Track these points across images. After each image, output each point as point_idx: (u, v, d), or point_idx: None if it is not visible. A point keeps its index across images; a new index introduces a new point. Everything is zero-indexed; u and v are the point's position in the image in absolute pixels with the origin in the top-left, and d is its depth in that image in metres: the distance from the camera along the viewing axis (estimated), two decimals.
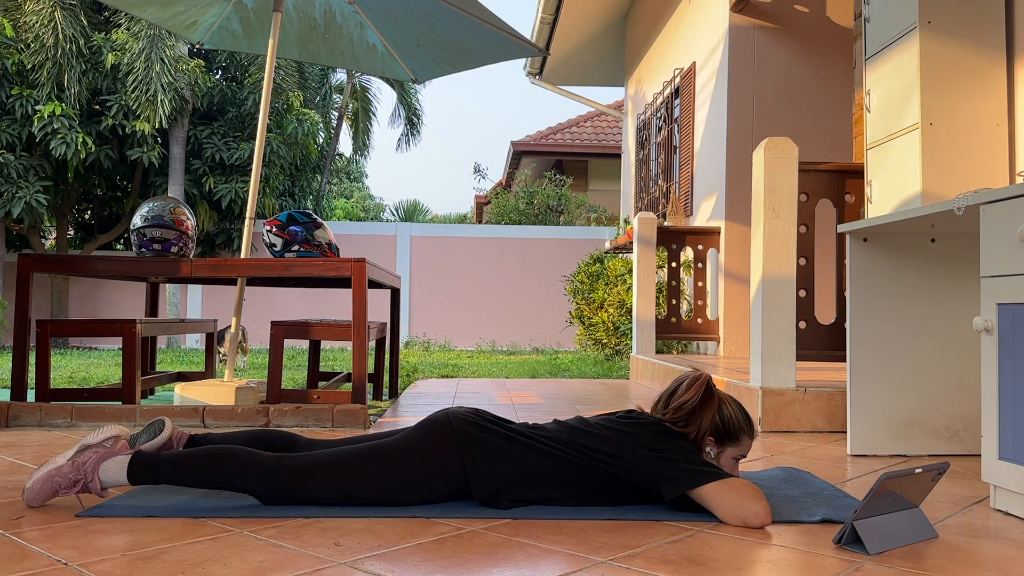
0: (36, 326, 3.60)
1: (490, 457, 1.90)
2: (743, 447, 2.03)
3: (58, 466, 1.90)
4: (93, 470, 1.89)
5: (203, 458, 1.90)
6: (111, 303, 12.35)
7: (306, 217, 3.81)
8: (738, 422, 2.02)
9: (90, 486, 1.88)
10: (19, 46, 10.47)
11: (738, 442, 2.02)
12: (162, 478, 1.90)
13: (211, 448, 1.93)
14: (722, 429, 2.00)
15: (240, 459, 1.89)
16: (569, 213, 15.03)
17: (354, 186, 28.24)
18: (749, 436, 2.04)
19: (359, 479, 1.89)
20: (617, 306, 7.64)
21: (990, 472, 2.00)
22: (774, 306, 3.32)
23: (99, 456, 1.91)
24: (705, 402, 2.00)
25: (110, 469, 1.89)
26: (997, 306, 1.97)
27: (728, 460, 2.02)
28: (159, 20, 4.63)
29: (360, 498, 1.90)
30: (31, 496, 1.89)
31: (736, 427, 2.01)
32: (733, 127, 6.16)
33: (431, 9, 4.36)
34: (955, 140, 3.10)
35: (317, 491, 1.88)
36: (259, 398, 3.75)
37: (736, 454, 2.03)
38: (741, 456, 2.04)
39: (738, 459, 2.03)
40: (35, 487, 1.89)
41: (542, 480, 1.91)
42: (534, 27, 9.39)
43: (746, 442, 2.03)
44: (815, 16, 6.26)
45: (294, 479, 1.88)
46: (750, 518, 1.78)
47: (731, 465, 2.02)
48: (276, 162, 11.83)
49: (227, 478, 1.88)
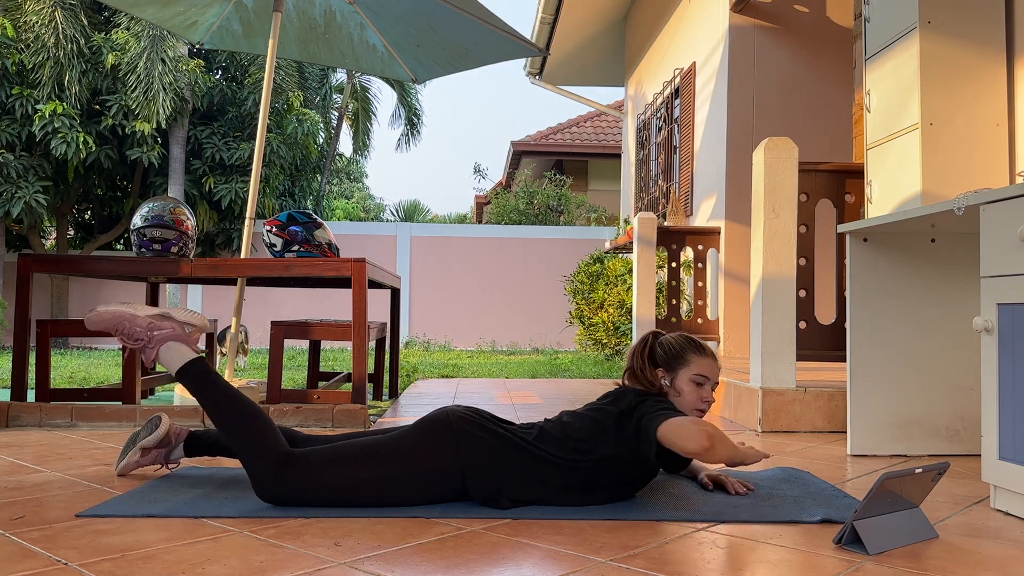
0: (36, 326, 3.60)
1: (487, 455, 1.90)
2: (694, 365, 2.03)
3: (136, 314, 1.94)
4: (159, 341, 1.91)
5: (247, 406, 1.92)
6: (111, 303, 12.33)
7: (306, 217, 3.81)
8: (677, 344, 2.06)
9: (146, 351, 1.92)
10: (19, 46, 10.47)
11: (686, 362, 2.03)
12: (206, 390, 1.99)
13: (257, 408, 1.95)
14: (664, 356, 2.06)
15: (271, 433, 1.92)
16: (569, 213, 15.02)
17: (354, 186, 28.24)
18: (697, 353, 2.04)
19: (357, 476, 1.88)
20: (617, 306, 7.64)
21: (990, 472, 2.00)
22: (774, 306, 3.32)
23: (169, 334, 1.94)
24: (639, 343, 2.10)
25: (170, 354, 1.94)
26: (997, 306, 1.97)
27: (686, 384, 2.03)
28: (159, 20, 4.63)
29: (357, 495, 1.89)
30: (93, 315, 1.95)
31: (677, 349, 2.05)
32: (733, 127, 6.16)
33: (431, 9, 4.36)
34: (955, 140, 3.10)
35: (312, 485, 1.88)
36: (259, 398, 3.75)
37: (690, 375, 2.03)
38: (701, 376, 2.03)
39: (700, 382, 2.03)
40: (105, 312, 1.94)
41: (533, 480, 1.91)
42: (534, 27, 9.39)
43: (695, 359, 2.04)
44: (815, 16, 6.26)
45: (293, 471, 1.88)
46: (691, 446, 1.74)
47: (692, 390, 2.03)
48: (276, 162, 11.83)
49: (249, 440, 1.89)
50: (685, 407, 2.03)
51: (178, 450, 2.27)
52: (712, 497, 2.06)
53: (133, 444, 2.27)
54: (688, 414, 2.02)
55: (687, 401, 2.03)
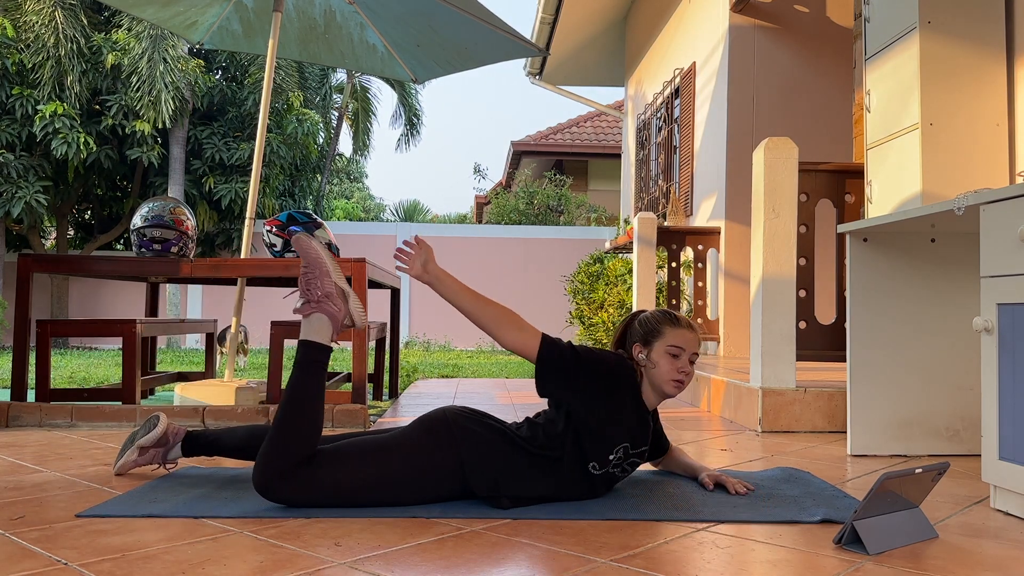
0: (36, 326, 3.60)
1: (485, 449, 1.92)
2: (668, 336, 2.05)
3: (329, 273, 2.04)
4: (322, 310, 2.02)
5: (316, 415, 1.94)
6: (111, 303, 12.35)
7: (306, 217, 3.81)
8: (654, 318, 2.09)
9: (305, 305, 2.03)
10: (19, 46, 10.47)
11: (660, 334, 2.05)
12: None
13: (320, 423, 1.96)
14: (640, 332, 2.09)
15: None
16: (569, 213, 15.02)
17: (354, 186, 28.24)
18: (671, 325, 2.07)
19: (356, 477, 1.88)
20: (617, 306, 7.63)
21: (990, 472, 2.00)
22: (774, 306, 3.32)
23: (332, 311, 2.02)
24: (620, 322, 2.16)
25: (314, 325, 2.01)
26: (997, 306, 1.97)
27: (660, 355, 2.04)
28: (159, 20, 4.63)
29: (357, 496, 1.89)
30: (304, 240, 2.07)
31: (652, 323, 2.08)
32: (733, 127, 6.16)
33: (431, 9, 4.36)
34: (955, 140, 3.10)
35: (312, 487, 1.87)
36: (259, 398, 3.75)
37: (665, 347, 2.04)
38: (675, 347, 2.04)
39: (675, 353, 2.04)
40: (313, 250, 2.05)
41: (528, 476, 1.92)
42: (534, 27, 9.39)
43: (668, 331, 2.06)
44: (815, 16, 6.26)
45: (297, 475, 1.87)
46: (519, 346, 1.92)
47: (666, 360, 2.04)
48: (276, 162, 11.83)
49: (290, 439, 1.89)
50: (662, 378, 2.03)
51: (176, 450, 2.26)
52: (712, 497, 2.06)
53: (131, 443, 2.27)
54: (665, 386, 2.04)
55: (663, 372, 2.03)
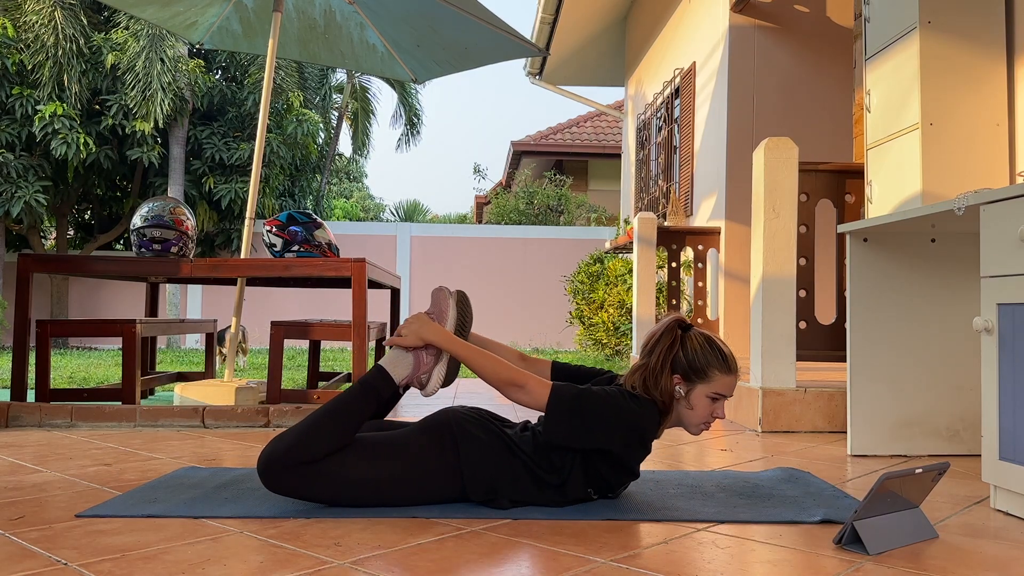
0: (36, 326, 3.60)
1: (483, 455, 1.90)
2: (715, 383, 1.90)
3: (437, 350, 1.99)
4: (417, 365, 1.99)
5: (350, 427, 1.91)
6: (111, 303, 12.35)
7: (306, 217, 3.81)
8: (703, 355, 1.90)
9: (410, 356, 1.99)
10: (19, 46, 10.47)
11: (707, 378, 1.90)
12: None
13: (351, 435, 1.93)
14: (685, 364, 1.90)
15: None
16: (569, 213, 15.02)
17: (354, 186, 28.24)
18: (721, 371, 1.90)
19: (358, 474, 1.87)
20: (617, 306, 7.64)
21: (990, 472, 2.00)
22: (774, 306, 3.32)
23: (417, 365, 1.99)
24: (661, 338, 1.94)
25: (397, 360, 1.99)
26: (997, 306, 1.97)
27: (701, 399, 1.91)
28: (159, 20, 4.63)
29: (358, 493, 1.88)
30: (442, 295, 2.05)
31: (702, 361, 1.89)
32: (733, 127, 6.16)
33: (431, 9, 4.36)
34: (955, 140, 3.10)
35: (314, 481, 1.86)
36: (259, 398, 3.75)
37: (709, 392, 1.90)
38: (719, 395, 1.91)
39: (715, 398, 1.92)
40: (445, 314, 2.02)
41: (524, 486, 1.91)
42: (534, 27, 9.39)
43: (718, 377, 1.90)
44: (815, 16, 6.26)
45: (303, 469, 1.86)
46: (523, 399, 1.88)
47: (705, 404, 1.91)
48: (276, 162, 11.83)
49: (314, 436, 1.88)
50: (693, 420, 1.94)
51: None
52: (712, 497, 2.06)
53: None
54: (693, 428, 1.95)
55: (697, 415, 1.93)
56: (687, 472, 2.42)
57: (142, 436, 3.10)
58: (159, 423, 3.36)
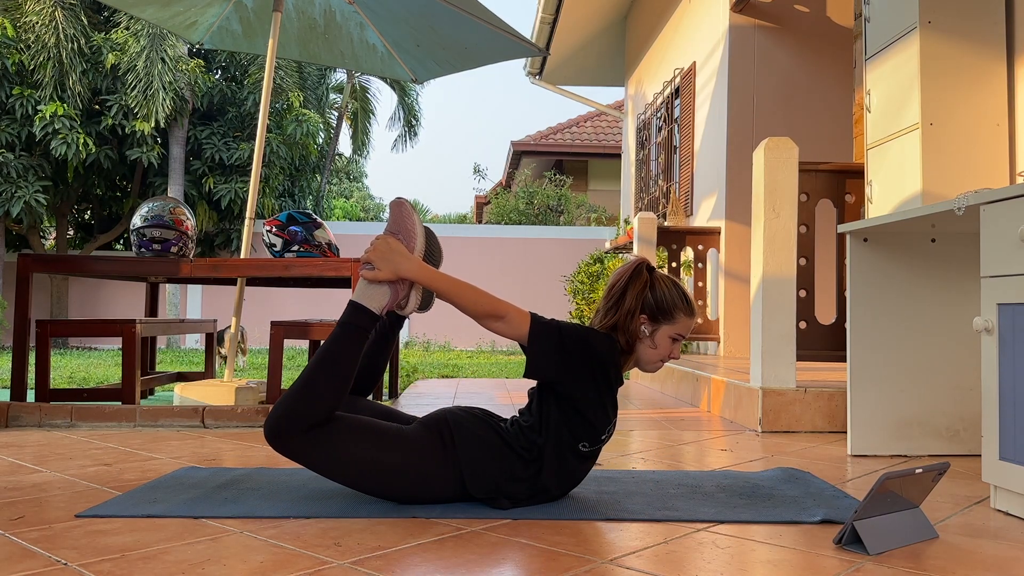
0: (36, 326, 3.60)
1: (483, 452, 1.91)
2: (679, 325, 1.99)
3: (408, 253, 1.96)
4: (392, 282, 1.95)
5: (343, 381, 1.90)
6: (111, 303, 12.35)
7: (306, 217, 3.81)
8: (671, 298, 1.99)
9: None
10: (20, 46, 10.47)
11: (673, 319, 1.98)
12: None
13: (344, 389, 1.91)
14: (654, 306, 1.98)
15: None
16: (569, 213, 15.02)
17: (354, 186, 28.24)
18: (685, 314, 2.00)
19: (356, 451, 1.86)
20: None
21: (990, 472, 2.00)
22: (774, 306, 3.32)
23: (395, 290, 1.96)
24: (632, 280, 2.00)
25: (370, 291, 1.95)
26: (997, 306, 1.97)
27: (664, 339, 1.99)
28: (159, 20, 4.63)
29: (350, 472, 1.88)
30: (406, 207, 2.01)
31: (669, 303, 1.98)
32: (733, 127, 6.16)
33: (431, 9, 4.35)
34: (955, 140, 3.10)
35: (315, 446, 1.86)
36: (259, 398, 3.75)
37: (672, 332, 1.99)
38: (679, 336, 2.00)
39: (676, 339, 2.00)
40: (409, 221, 1.99)
41: (520, 475, 1.92)
42: (534, 27, 9.39)
43: (682, 319, 1.99)
44: (815, 16, 6.26)
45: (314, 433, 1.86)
46: (502, 330, 1.93)
47: (667, 344, 1.99)
48: (276, 162, 11.83)
49: (311, 394, 1.87)
50: (653, 358, 2.00)
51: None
52: (712, 497, 2.06)
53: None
54: (651, 365, 2.01)
55: (659, 354, 2.00)
56: (687, 472, 2.42)
57: (142, 436, 3.10)
58: (159, 423, 3.36)
